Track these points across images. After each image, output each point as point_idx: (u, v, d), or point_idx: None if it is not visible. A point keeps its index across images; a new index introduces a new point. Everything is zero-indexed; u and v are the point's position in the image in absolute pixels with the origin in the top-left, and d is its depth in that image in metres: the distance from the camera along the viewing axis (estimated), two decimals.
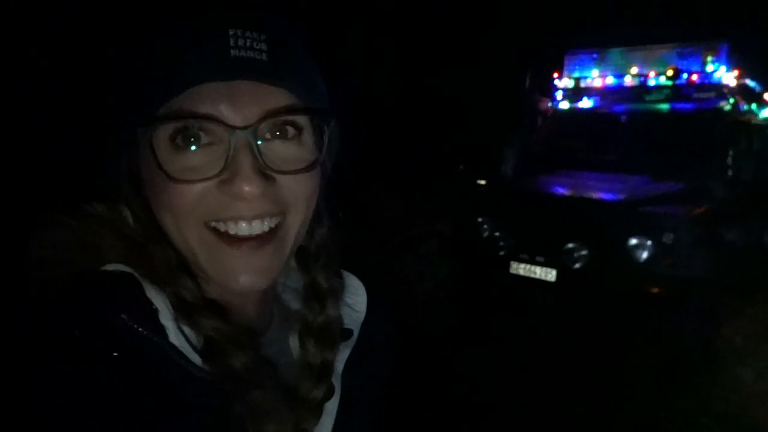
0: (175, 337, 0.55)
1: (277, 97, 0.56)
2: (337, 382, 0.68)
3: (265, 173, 0.55)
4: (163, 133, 0.55)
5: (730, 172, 4.98)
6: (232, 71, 0.54)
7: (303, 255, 0.71)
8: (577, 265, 4.27)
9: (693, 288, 4.12)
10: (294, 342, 0.69)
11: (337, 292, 0.72)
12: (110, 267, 0.57)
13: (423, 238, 7.00)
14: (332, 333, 0.68)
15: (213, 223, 0.57)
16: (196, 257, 0.58)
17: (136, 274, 0.57)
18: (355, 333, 0.72)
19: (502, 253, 4.58)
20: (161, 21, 0.57)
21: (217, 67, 0.54)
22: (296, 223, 0.60)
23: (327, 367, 0.66)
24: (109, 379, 0.50)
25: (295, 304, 0.71)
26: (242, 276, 0.57)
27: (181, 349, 0.55)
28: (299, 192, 0.59)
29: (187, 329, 0.57)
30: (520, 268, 4.48)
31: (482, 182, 8.70)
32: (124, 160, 0.60)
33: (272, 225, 0.58)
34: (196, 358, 0.56)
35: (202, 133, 0.55)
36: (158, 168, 0.55)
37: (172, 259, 0.60)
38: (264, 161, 0.55)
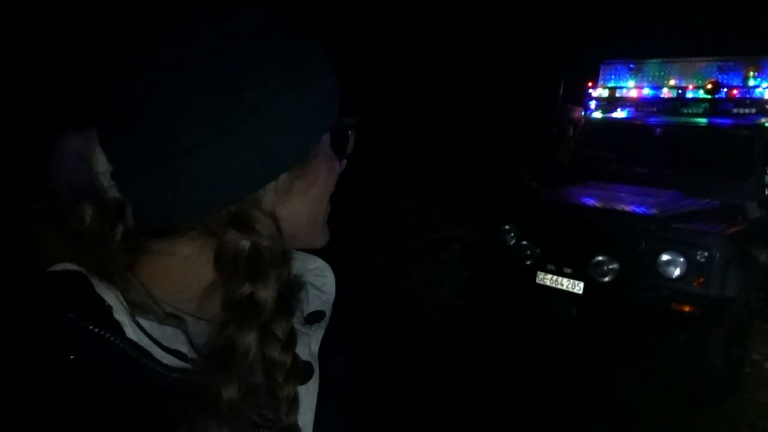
0: (132, 332, 0.53)
1: None
2: (315, 363, 0.68)
3: None
4: None
5: (767, 192, 4.83)
6: None
7: None
8: (606, 279, 4.16)
9: (724, 308, 4.00)
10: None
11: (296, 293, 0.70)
12: (57, 267, 0.55)
13: (444, 243, 6.94)
14: (293, 331, 0.64)
15: None
16: None
17: (85, 272, 0.54)
18: (327, 314, 0.72)
19: (528, 262, 4.48)
20: None
21: None
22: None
23: (295, 364, 0.63)
24: (67, 383, 0.48)
25: None
26: None
27: (140, 344, 0.53)
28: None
29: (146, 323, 0.55)
30: (547, 279, 4.39)
31: (503, 189, 8.64)
32: None
33: None
34: (156, 351, 0.54)
35: None
36: None
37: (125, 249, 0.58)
38: None
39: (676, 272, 4.02)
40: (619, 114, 5.82)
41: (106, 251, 0.57)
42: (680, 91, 5.51)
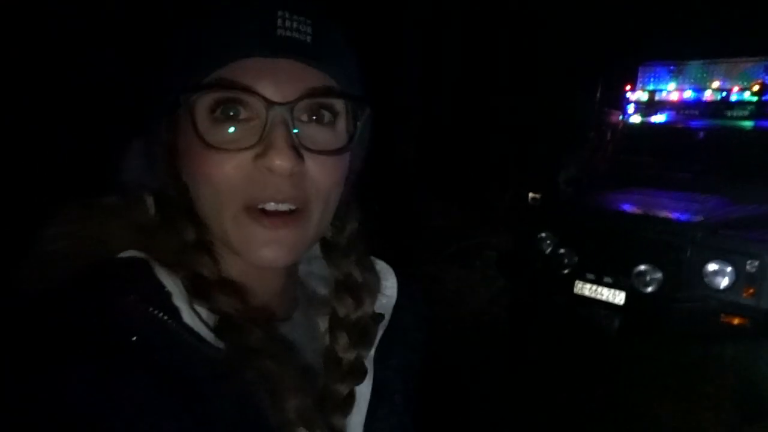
0: (189, 318, 0.55)
1: (317, 79, 0.58)
2: (369, 366, 0.68)
3: (297, 151, 0.56)
4: (203, 104, 0.56)
5: None
6: (277, 49, 0.56)
7: (332, 249, 0.71)
8: (649, 289, 4.00)
9: None
10: (324, 325, 0.69)
11: (373, 287, 0.72)
12: (124, 254, 0.58)
13: (477, 250, 6.81)
14: (368, 329, 0.68)
15: (249, 204, 0.58)
16: (225, 231, 0.59)
17: (148, 258, 0.57)
18: (387, 317, 0.72)
19: (565, 271, 4.35)
20: None
21: (262, 43, 0.55)
22: (318, 211, 0.60)
23: (358, 363, 0.66)
24: (129, 365, 0.50)
25: (321, 289, 0.73)
26: (266, 249, 0.58)
27: (195, 329, 0.55)
28: (324, 178, 0.59)
29: (202, 311, 0.57)
30: (586, 288, 4.24)
31: (536, 196, 8.44)
32: (163, 132, 0.60)
33: (294, 208, 0.59)
34: (211, 338, 0.56)
35: (240, 108, 0.56)
36: (197, 136, 0.56)
37: (192, 238, 0.60)
38: (298, 138, 0.56)
39: (724, 282, 3.84)
40: (659, 118, 5.63)
41: (168, 239, 0.60)
42: (724, 94, 5.29)
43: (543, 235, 4.56)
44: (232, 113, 0.56)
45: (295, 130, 0.56)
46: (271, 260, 0.59)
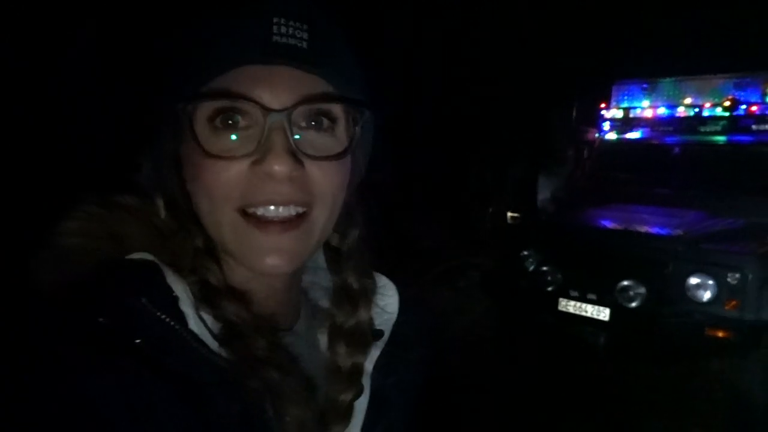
0: (194, 324, 0.56)
1: (314, 84, 0.57)
2: (366, 381, 0.68)
3: (296, 156, 0.56)
4: (202, 113, 0.56)
5: None
6: (273, 56, 0.56)
7: (334, 255, 0.71)
8: (633, 304, 4.00)
9: (761, 332, 3.80)
10: (323, 339, 0.70)
11: (369, 294, 0.72)
12: (134, 256, 0.58)
13: (461, 271, 6.79)
14: (364, 336, 0.69)
15: (245, 209, 0.58)
16: (224, 239, 0.59)
17: (158, 262, 0.58)
18: (386, 333, 0.72)
19: (549, 288, 4.33)
20: (208, 5, 0.59)
21: (259, 51, 0.55)
22: (322, 215, 0.60)
23: (357, 371, 0.67)
24: (131, 366, 0.49)
25: (324, 302, 0.72)
26: (268, 257, 0.58)
27: (200, 336, 0.55)
28: (326, 183, 0.59)
29: (208, 318, 0.57)
30: (570, 306, 4.23)
31: (515, 215, 8.50)
32: (167, 140, 0.61)
33: (299, 212, 0.59)
34: (215, 346, 0.56)
35: (239, 117, 0.56)
36: (197, 144, 0.56)
37: (201, 244, 0.61)
38: (296, 144, 0.56)
39: (707, 295, 3.86)
40: (634, 135, 5.72)
41: (178, 244, 0.61)
42: (697, 110, 5.39)
43: (526, 253, 4.56)
44: (230, 122, 0.56)
45: (297, 137, 0.57)
46: (272, 267, 0.58)
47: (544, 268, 4.39)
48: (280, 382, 0.57)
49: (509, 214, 7.82)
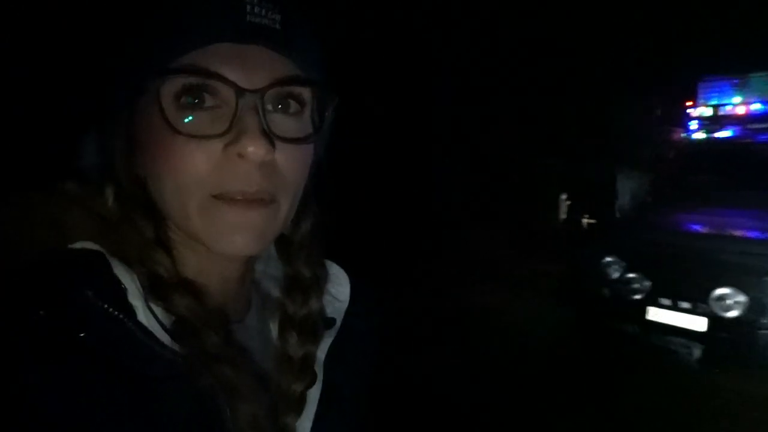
0: (144, 317, 0.54)
1: (286, 67, 0.57)
2: (319, 370, 0.68)
3: (269, 138, 0.54)
4: (170, 89, 0.54)
5: None
6: (246, 35, 0.54)
7: (285, 245, 0.70)
8: (732, 314, 3.71)
9: None
10: (275, 329, 0.69)
11: (321, 283, 0.71)
12: (77, 245, 0.56)
13: (532, 279, 6.57)
14: (315, 326, 0.68)
15: (214, 195, 0.55)
16: (189, 220, 0.56)
17: (105, 252, 0.56)
18: (338, 322, 0.72)
19: (636, 297, 4.09)
20: None
21: (232, 29, 0.54)
22: (287, 201, 0.59)
23: (308, 360, 0.66)
24: (75, 360, 0.48)
25: (275, 291, 0.71)
26: (235, 233, 0.56)
27: (150, 329, 0.54)
28: (293, 170, 0.58)
29: (158, 310, 0.55)
30: (660, 315, 3.97)
31: (592, 221, 8.16)
32: (123, 120, 0.58)
33: (265, 197, 0.57)
34: (166, 339, 0.54)
35: (207, 95, 0.54)
36: (164, 122, 0.53)
37: (150, 234, 0.58)
38: (269, 126, 0.55)
39: None
40: (725, 133, 5.37)
41: (126, 233, 0.58)
42: None
43: (609, 259, 4.33)
44: (197, 100, 0.54)
45: (269, 119, 0.55)
46: (240, 246, 0.57)
47: (631, 275, 4.15)
48: (233, 377, 0.56)
49: (585, 220, 7.53)
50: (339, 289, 0.75)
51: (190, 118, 0.54)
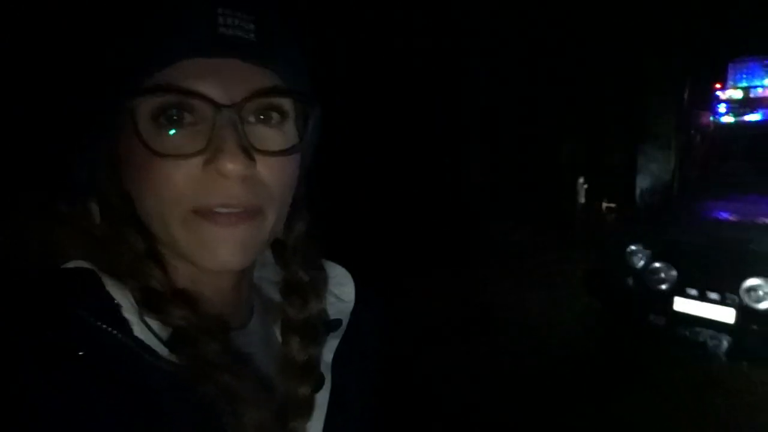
0: (140, 331, 0.54)
1: (263, 78, 0.55)
2: (327, 373, 0.68)
3: (248, 153, 0.53)
4: (145, 109, 0.53)
5: None
6: (220, 48, 0.53)
7: (280, 249, 0.70)
8: (764, 305, 3.59)
9: None
10: (279, 334, 0.68)
11: (320, 285, 0.70)
12: (70, 264, 0.56)
13: (557, 268, 6.47)
14: (315, 328, 0.67)
15: (197, 210, 0.54)
16: (174, 237, 0.56)
17: (96, 270, 0.56)
18: (344, 323, 0.72)
19: (662, 287, 3.99)
20: None
21: (205, 43, 0.53)
22: (272, 214, 0.58)
23: (312, 363, 0.66)
24: (74, 378, 0.48)
25: (276, 296, 0.70)
26: (220, 249, 0.55)
27: (147, 342, 0.54)
28: (277, 182, 0.57)
29: (153, 323, 0.55)
30: (687, 306, 3.86)
31: (611, 205, 7.99)
32: (104, 141, 0.57)
33: (249, 209, 0.56)
34: (164, 351, 0.54)
35: (184, 112, 0.53)
36: (142, 144, 0.52)
37: (141, 248, 0.58)
38: (248, 141, 0.53)
39: None
40: (755, 117, 5.18)
41: (116, 249, 0.58)
42: None
43: (634, 248, 4.23)
44: (175, 118, 0.53)
45: (248, 133, 0.54)
46: (225, 261, 0.56)
47: (656, 265, 4.05)
48: (235, 385, 0.55)
49: (604, 204, 7.36)
50: (342, 289, 0.75)
51: (170, 134, 0.53)
